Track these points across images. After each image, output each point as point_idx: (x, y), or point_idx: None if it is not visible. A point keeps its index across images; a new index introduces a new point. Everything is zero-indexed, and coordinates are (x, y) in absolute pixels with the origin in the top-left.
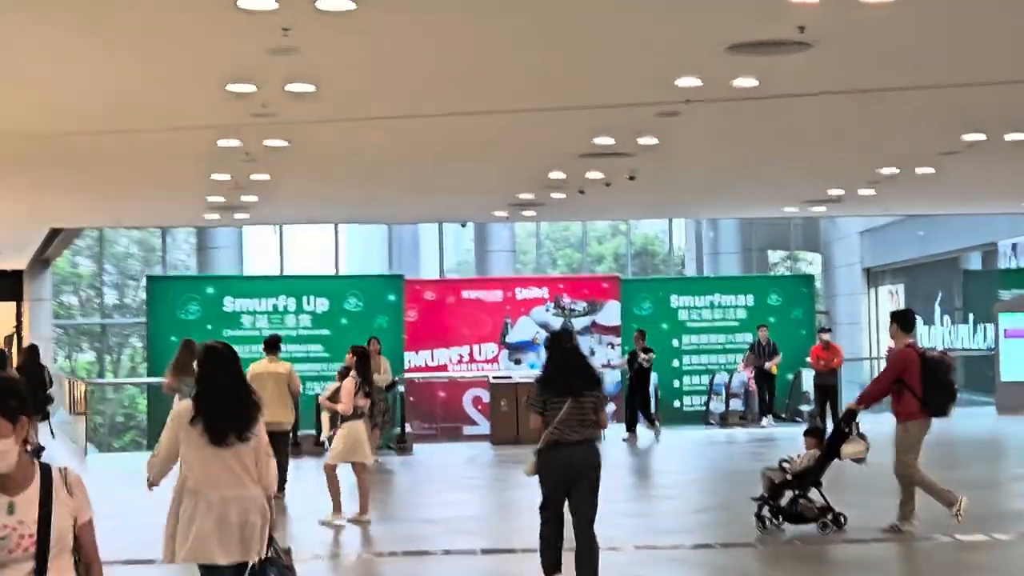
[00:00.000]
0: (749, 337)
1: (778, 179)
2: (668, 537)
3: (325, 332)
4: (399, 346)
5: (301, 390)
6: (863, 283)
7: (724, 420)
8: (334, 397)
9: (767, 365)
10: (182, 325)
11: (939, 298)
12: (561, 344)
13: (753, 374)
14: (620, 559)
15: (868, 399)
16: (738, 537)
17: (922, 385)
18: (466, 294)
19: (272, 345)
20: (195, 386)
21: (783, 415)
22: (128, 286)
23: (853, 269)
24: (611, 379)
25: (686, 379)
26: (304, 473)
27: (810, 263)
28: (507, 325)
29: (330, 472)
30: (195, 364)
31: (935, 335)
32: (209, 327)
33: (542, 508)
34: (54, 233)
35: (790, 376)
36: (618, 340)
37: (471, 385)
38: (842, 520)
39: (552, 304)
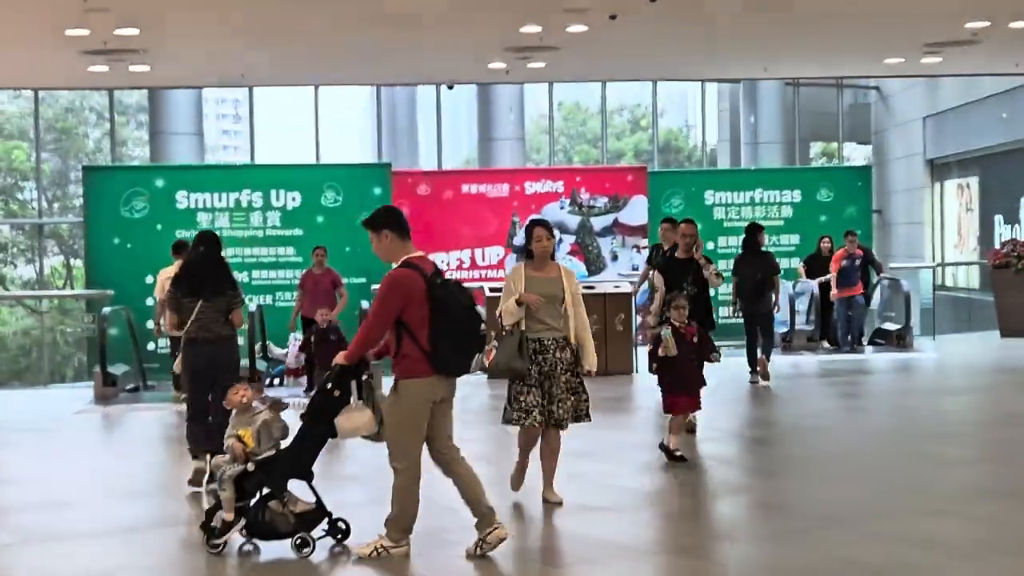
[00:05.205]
0: (797, 239)
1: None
2: None
3: (297, 232)
4: None
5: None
6: (926, 176)
7: (811, 339)
8: None
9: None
10: (127, 224)
11: None
12: (195, 247)
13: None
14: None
15: (362, 346)
16: None
17: (430, 326)
18: (466, 188)
19: (179, 249)
20: None
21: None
22: None
23: (913, 161)
24: None
25: (722, 288)
26: None
27: (847, 159)
28: (515, 224)
29: None
30: None
31: (1020, 236)
32: (159, 227)
33: (188, 402)
34: None
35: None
36: (644, 242)
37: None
38: (343, 531)
39: (567, 200)
